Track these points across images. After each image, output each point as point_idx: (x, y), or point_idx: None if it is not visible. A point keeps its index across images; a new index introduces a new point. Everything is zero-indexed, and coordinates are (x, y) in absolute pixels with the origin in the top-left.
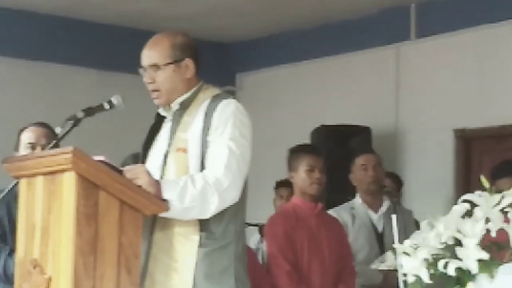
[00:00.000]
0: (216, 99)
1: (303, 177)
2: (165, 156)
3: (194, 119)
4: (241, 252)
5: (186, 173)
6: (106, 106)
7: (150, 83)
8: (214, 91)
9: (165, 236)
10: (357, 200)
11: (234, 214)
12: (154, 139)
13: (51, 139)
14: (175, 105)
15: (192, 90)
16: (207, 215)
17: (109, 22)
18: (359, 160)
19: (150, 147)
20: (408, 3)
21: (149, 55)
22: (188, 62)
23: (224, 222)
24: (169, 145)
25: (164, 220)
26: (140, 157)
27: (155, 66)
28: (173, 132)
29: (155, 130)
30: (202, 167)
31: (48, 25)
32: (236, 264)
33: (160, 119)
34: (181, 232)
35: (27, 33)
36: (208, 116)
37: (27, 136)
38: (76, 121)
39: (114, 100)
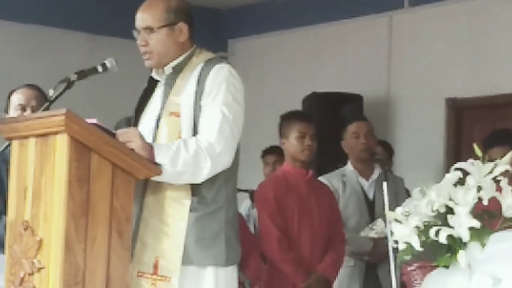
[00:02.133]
0: (209, 64)
1: (294, 143)
2: (158, 120)
3: (187, 83)
4: (232, 218)
5: (178, 137)
6: (100, 69)
7: (143, 45)
8: (208, 55)
9: (157, 200)
10: (348, 167)
11: (226, 179)
12: (146, 103)
13: (41, 101)
14: (168, 69)
15: (185, 54)
16: (199, 180)
17: None
18: (351, 128)
19: (142, 111)
20: None
21: (142, 18)
22: (182, 26)
23: (215, 187)
24: (162, 109)
25: (155, 184)
26: (132, 121)
27: (149, 29)
28: (165, 96)
29: (147, 94)
30: (195, 131)
31: None
32: (227, 229)
33: (152, 83)
34: (173, 196)
35: None
36: (201, 80)
37: (17, 98)
38: (69, 84)
39: (108, 63)
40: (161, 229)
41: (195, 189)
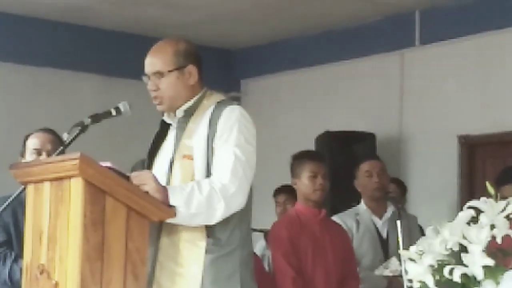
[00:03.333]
0: (220, 106)
1: (306, 183)
2: (171, 163)
3: (199, 126)
4: (246, 258)
5: (192, 180)
6: (113, 112)
7: (154, 90)
8: (219, 97)
9: (172, 242)
10: (362, 206)
11: (240, 220)
12: (159, 147)
13: (57, 145)
14: (179, 112)
15: (196, 97)
16: (213, 221)
17: (115, 28)
18: (364, 167)
19: (155, 155)
20: (413, 9)
21: (152, 63)
22: (191, 69)
23: (230, 228)
24: (174, 152)
25: (170, 226)
26: (146, 165)
27: (159, 73)
28: (178, 139)
29: (160, 138)
30: (208, 173)
31: (54, 31)
32: (242, 269)
33: (165, 127)
34: (188, 238)
35: (32, 39)
36: (213, 122)
37: (33, 142)
38: (83, 127)
39: (122, 106)
40: (176, 271)
41: (209, 230)
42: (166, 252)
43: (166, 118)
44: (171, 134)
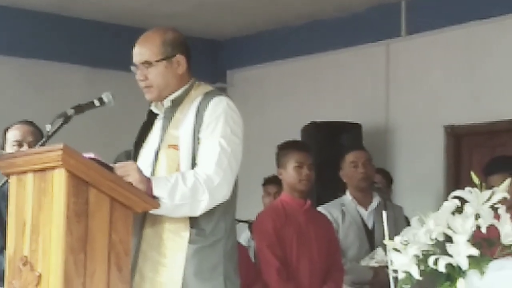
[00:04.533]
0: (208, 96)
1: (292, 173)
2: (157, 153)
3: (186, 116)
4: (230, 250)
5: (177, 170)
6: (97, 103)
7: (143, 80)
8: (206, 88)
9: (155, 232)
10: (347, 197)
11: (224, 211)
12: (146, 137)
13: (38, 136)
14: (167, 102)
15: (184, 87)
16: (197, 213)
17: (100, 19)
18: (349, 157)
19: (141, 145)
20: (399, 0)
21: (140, 53)
22: (180, 58)
23: (214, 219)
24: (161, 141)
25: (154, 216)
26: (132, 155)
27: (147, 63)
28: (164, 129)
29: (147, 128)
30: (194, 164)
31: (38, 22)
32: (226, 261)
33: (152, 117)
34: (171, 228)
35: (16, 31)
36: (199, 113)
37: (13, 134)
38: (66, 118)
39: (105, 97)
40: (159, 261)
41: (193, 221)
42: (149, 242)
43: (154, 108)
44: (158, 124)
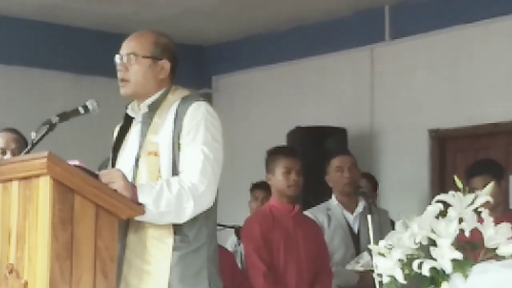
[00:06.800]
0: (186, 101)
1: (280, 179)
2: (137, 160)
3: (164, 122)
4: (213, 254)
5: (158, 176)
6: (81, 110)
7: (122, 70)
8: (183, 92)
9: (139, 239)
10: (333, 201)
11: (206, 217)
12: (123, 141)
13: (21, 143)
14: (144, 107)
15: (161, 92)
16: (182, 220)
17: (85, 25)
18: (335, 162)
19: (119, 149)
20: (382, 4)
21: (129, 45)
22: (165, 64)
23: (197, 225)
24: (140, 148)
25: (137, 223)
26: (110, 160)
27: (133, 54)
28: (143, 135)
29: (124, 132)
30: (174, 170)
31: (22, 29)
32: (209, 265)
33: (128, 120)
34: (155, 235)
35: (2, 37)
36: (178, 118)
37: None
38: (51, 126)
39: (89, 104)
40: (144, 268)
41: (177, 228)
42: (133, 249)
43: (130, 112)
44: (135, 128)
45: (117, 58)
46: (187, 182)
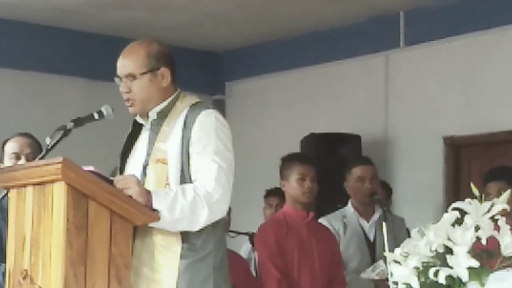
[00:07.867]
0: (195, 109)
1: (295, 186)
2: (144, 167)
3: (173, 130)
4: (219, 263)
5: (165, 184)
6: (96, 116)
7: (126, 92)
8: (192, 99)
9: (146, 247)
10: (349, 209)
11: (214, 225)
12: (131, 148)
13: (35, 148)
14: (152, 115)
15: (169, 99)
16: (196, 227)
17: (98, 31)
18: (356, 171)
19: (128, 156)
20: (397, 11)
21: (124, 65)
22: (164, 71)
23: (204, 233)
24: (148, 155)
25: (144, 231)
26: (118, 166)
27: (131, 76)
28: (151, 142)
29: (132, 139)
30: (182, 178)
31: (35, 34)
32: (215, 274)
33: (137, 127)
34: (163, 243)
35: (13, 43)
36: (187, 127)
37: (11, 147)
38: (66, 132)
39: (104, 110)
40: (151, 277)
41: (184, 235)
42: (140, 257)
43: (139, 119)
44: (144, 136)
45: (116, 81)
46: (202, 189)
